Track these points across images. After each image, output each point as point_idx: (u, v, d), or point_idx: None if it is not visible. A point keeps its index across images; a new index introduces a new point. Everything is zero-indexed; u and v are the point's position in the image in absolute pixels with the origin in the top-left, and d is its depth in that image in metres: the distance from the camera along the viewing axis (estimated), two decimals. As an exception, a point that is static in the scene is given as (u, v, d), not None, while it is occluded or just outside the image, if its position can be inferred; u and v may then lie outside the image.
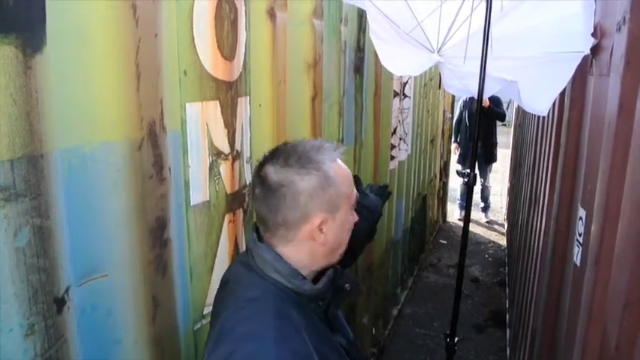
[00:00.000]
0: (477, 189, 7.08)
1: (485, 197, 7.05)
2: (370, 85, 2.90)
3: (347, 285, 1.07)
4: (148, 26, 1.11)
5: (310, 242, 1.02)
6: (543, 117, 2.68)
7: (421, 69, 1.80)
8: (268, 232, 1.03)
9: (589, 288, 1.23)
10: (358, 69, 2.64)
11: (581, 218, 1.51)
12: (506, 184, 7.47)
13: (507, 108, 7.57)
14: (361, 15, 2.59)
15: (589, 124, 1.50)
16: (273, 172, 0.98)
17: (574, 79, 1.66)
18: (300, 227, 1.00)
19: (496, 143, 6.56)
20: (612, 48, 1.30)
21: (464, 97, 6.59)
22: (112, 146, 1.07)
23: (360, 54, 2.65)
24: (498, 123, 6.38)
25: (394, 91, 3.49)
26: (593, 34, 1.48)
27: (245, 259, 1.07)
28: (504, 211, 7.27)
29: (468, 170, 1.72)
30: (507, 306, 4.37)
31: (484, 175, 6.79)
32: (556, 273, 1.82)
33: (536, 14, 1.73)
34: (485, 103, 6.16)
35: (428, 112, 5.05)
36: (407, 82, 3.83)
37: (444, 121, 6.36)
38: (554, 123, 2.11)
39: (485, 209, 7.11)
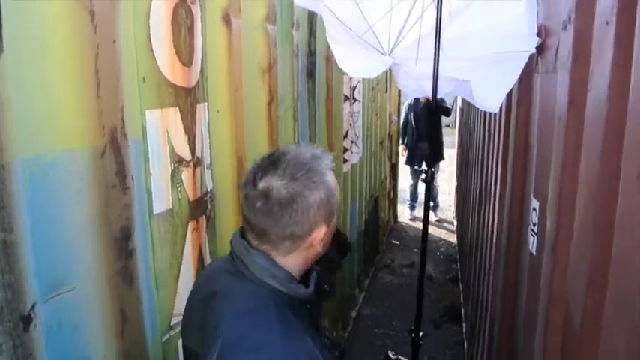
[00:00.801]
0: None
1: (434, 197, 7.21)
2: (322, 89, 2.93)
3: (326, 286, 1.09)
4: (106, 32, 1.08)
5: (307, 251, 1.03)
6: (490, 115, 2.79)
7: (377, 71, 1.84)
8: (268, 244, 1.00)
9: (547, 273, 1.29)
10: (310, 73, 2.66)
11: (534, 209, 1.58)
12: (454, 183, 7.69)
13: (452, 108, 7.80)
14: (311, 19, 2.61)
15: (538, 119, 1.58)
16: (281, 187, 0.95)
17: (521, 77, 1.74)
18: (304, 239, 1.00)
19: (443, 142, 6.77)
20: (557, 46, 1.38)
21: (409, 100, 6.77)
22: (73, 155, 1.04)
23: (312, 58, 2.68)
24: (443, 124, 6.59)
25: (344, 95, 3.53)
26: (538, 34, 1.56)
27: (231, 268, 1.04)
28: (453, 209, 7.48)
29: (425, 168, 1.76)
30: (462, 301, 4.50)
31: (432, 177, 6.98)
32: (512, 262, 1.89)
33: (483, 17, 1.80)
34: (425, 99, 6.37)
35: (376, 115, 5.14)
36: (356, 85, 3.89)
37: (391, 124, 6.49)
38: (502, 120, 2.20)
39: (435, 208, 7.28)
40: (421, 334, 1.95)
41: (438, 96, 1.67)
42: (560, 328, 1.15)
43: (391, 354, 1.47)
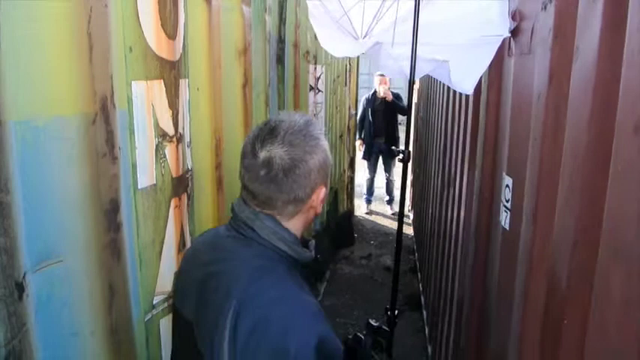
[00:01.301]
0: (382, 183, 7.37)
1: (389, 190, 7.35)
2: (290, 76, 2.94)
3: (319, 255, 1.12)
4: (98, -5, 1.05)
5: (308, 212, 1.06)
6: (454, 103, 2.87)
7: (357, 52, 1.87)
8: (274, 210, 1.02)
9: (526, 242, 1.34)
10: (280, 59, 2.66)
11: (507, 185, 1.65)
12: (409, 177, 7.83)
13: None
14: (282, 5, 2.61)
15: (511, 100, 1.64)
16: (283, 154, 0.98)
17: (491, 62, 1.80)
18: (306, 201, 1.03)
19: (399, 138, 6.88)
20: (533, 29, 1.44)
21: (367, 95, 6.85)
22: (65, 121, 1.00)
23: (282, 45, 2.68)
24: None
25: (310, 84, 3.55)
26: (513, 18, 1.62)
27: (235, 234, 1.05)
28: (408, 202, 7.63)
29: (402, 148, 1.80)
30: (421, 289, 4.60)
31: (389, 169, 7.09)
32: (483, 240, 1.96)
33: (456, 4, 1.86)
34: (389, 96, 6.42)
35: (337, 108, 5.18)
36: (319, 77, 3.91)
37: (349, 118, 6.55)
38: (469, 105, 2.27)
39: (390, 202, 7.41)
40: (396, 312, 1.98)
41: (417, 77, 1.71)
42: (543, 294, 1.21)
43: (372, 321, 1.50)
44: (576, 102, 1.06)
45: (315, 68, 3.68)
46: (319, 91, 3.92)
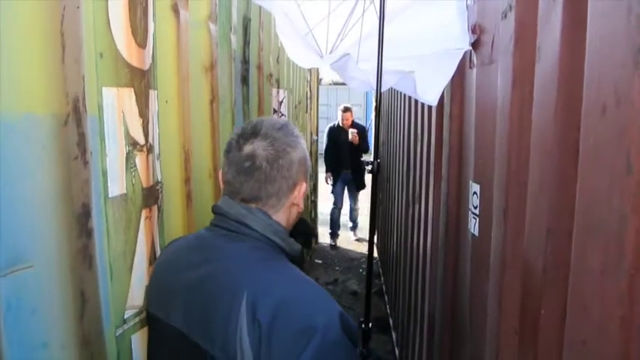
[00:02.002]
0: (346, 211, 7.39)
1: (354, 218, 7.40)
2: (254, 97, 2.95)
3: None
4: (71, -4, 1.05)
5: (290, 208, 1.09)
6: (416, 119, 2.95)
7: (326, 64, 1.90)
8: (259, 203, 1.05)
9: (498, 244, 1.38)
10: (245, 80, 2.68)
11: (475, 193, 1.69)
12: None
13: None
14: (246, 27, 2.64)
15: (475, 109, 1.70)
16: (267, 146, 1.02)
17: (453, 75, 1.87)
18: (288, 195, 1.06)
19: (364, 169, 6.86)
20: (493, 40, 1.51)
21: (330, 125, 6.87)
22: (36, 119, 0.98)
23: (246, 65, 2.70)
24: None
25: (273, 108, 3.57)
26: (473, 32, 1.70)
27: (222, 232, 1.05)
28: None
29: (371, 159, 1.83)
30: (389, 311, 4.60)
31: (354, 199, 7.19)
32: (451, 251, 1.99)
33: (417, 20, 1.94)
34: (355, 139, 6.48)
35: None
36: (282, 100, 3.95)
37: (311, 143, 6.60)
38: (432, 118, 2.34)
39: (354, 228, 7.45)
40: (370, 324, 1.98)
41: (383, 89, 1.75)
42: (518, 293, 1.23)
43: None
44: (541, 98, 1.11)
45: (278, 92, 3.72)
46: (282, 114, 3.95)
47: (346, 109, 6.69)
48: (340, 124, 6.68)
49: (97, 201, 1.22)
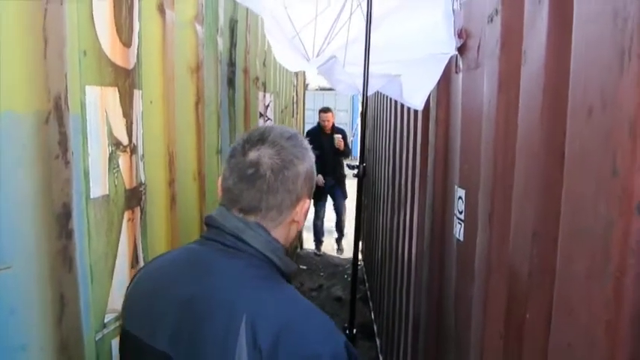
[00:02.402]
0: (331, 216, 7.22)
1: (340, 228, 7.13)
2: (240, 100, 2.93)
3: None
4: (54, -9, 1.03)
5: (290, 226, 1.03)
6: (402, 123, 2.96)
7: (312, 67, 1.90)
8: (257, 216, 0.98)
9: (483, 248, 1.38)
10: (231, 82, 2.67)
11: (460, 197, 1.69)
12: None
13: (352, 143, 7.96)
14: (233, 29, 2.63)
15: (461, 113, 1.71)
16: (273, 154, 0.96)
17: (439, 80, 1.88)
18: (290, 210, 1.00)
19: (345, 175, 6.62)
20: (479, 44, 1.52)
21: (310, 129, 6.62)
22: (17, 117, 0.95)
23: (232, 68, 2.69)
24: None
25: (259, 111, 3.56)
26: (459, 36, 1.71)
27: (216, 247, 0.98)
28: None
29: (357, 164, 1.83)
30: (373, 318, 4.59)
31: (340, 210, 6.89)
32: (436, 257, 1.99)
33: (404, 25, 1.95)
34: (341, 145, 6.23)
35: (285, 138, 5.21)
36: (268, 105, 3.94)
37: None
38: (418, 124, 2.34)
39: (340, 239, 7.20)
40: (354, 330, 1.97)
41: (370, 92, 1.75)
42: (503, 297, 1.23)
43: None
44: (527, 102, 1.12)
45: (265, 96, 3.71)
46: (268, 119, 3.94)
47: (326, 110, 6.39)
48: (321, 127, 6.38)
49: (78, 201, 1.19)
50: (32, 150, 0.99)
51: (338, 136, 6.22)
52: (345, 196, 6.75)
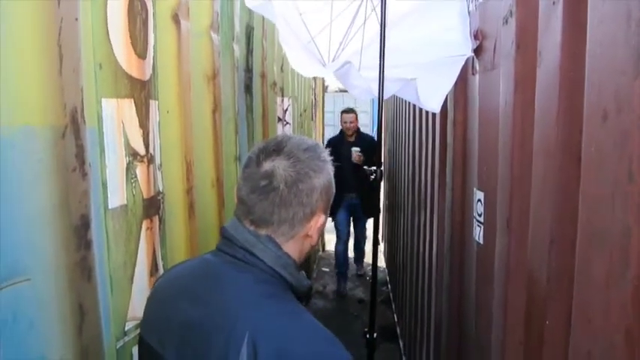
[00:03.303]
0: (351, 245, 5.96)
1: (360, 247, 6.04)
2: (258, 106, 2.95)
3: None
4: (69, 8, 1.04)
5: (303, 240, 1.00)
6: (421, 127, 2.93)
7: (328, 73, 1.90)
8: (269, 228, 0.97)
9: (502, 252, 1.36)
10: (248, 89, 2.68)
11: (479, 200, 1.67)
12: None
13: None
14: (249, 35, 2.65)
15: (477, 116, 1.69)
16: (288, 166, 0.93)
17: (456, 81, 1.86)
18: (304, 224, 0.97)
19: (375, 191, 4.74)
20: (495, 45, 1.50)
21: (330, 137, 5.77)
22: (34, 131, 0.97)
23: (249, 74, 2.70)
24: None
25: (277, 116, 3.57)
26: (475, 37, 1.69)
27: (228, 259, 0.98)
28: (380, 234, 7.63)
29: (374, 167, 1.82)
30: (396, 320, 4.57)
31: (361, 230, 5.77)
32: (456, 259, 1.97)
33: (419, 27, 1.93)
34: (359, 160, 4.99)
35: (304, 141, 5.20)
36: (287, 109, 3.95)
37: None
38: (437, 126, 2.32)
39: (359, 259, 6.21)
40: (375, 335, 1.96)
41: (385, 96, 1.75)
42: (522, 302, 1.21)
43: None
44: (543, 103, 1.10)
45: (283, 100, 3.72)
46: (287, 123, 3.95)
47: (348, 110, 5.34)
48: (343, 134, 5.32)
49: (96, 212, 1.21)
50: (49, 163, 1.01)
51: (356, 150, 5.06)
52: (371, 214, 4.97)
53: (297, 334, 0.87)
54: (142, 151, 1.40)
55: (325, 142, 5.81)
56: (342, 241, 5.58)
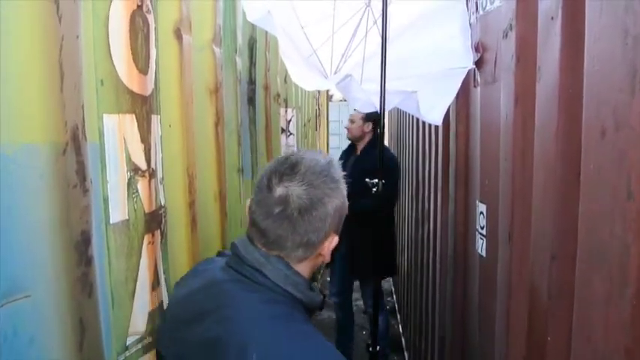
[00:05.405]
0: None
1: (382, 335, 3.43)
2: (262, 118, 2.96)
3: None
4: (70, 26, 1.05)
5: (315, 259, 1.01)
6: (423, 140, 2.93)
7: (330, 85, 1.91)
8: (282, 252, 0.97)
9: (504, 265, 1.35)
10: (251, 100, 2.69)
11: (482, 213, 1.67)
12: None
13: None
14: (252, 47, 2.66)
15: (479, 129, 1.69)
16: (302, 193, 0.93)
17: (458, 93, 1.86)
18: (317, 247, 0.98)
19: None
20: (496, 58, 1.50)
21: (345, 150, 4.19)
22: (35, 149, 0.98)
23: (252, 86, 2.71)
24: None
25: (281, 127, 3.58)
26: (476, 50, 1.69)
27: (237, 277, 0.98)
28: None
29: (376, 180, 1.81)
30: (401, 331, 4.54)
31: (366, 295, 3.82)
32: (459, 271, 1.96)
33: (421, 39, 1.94)
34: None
35: (308, 151, 5.22)
36: (290, 119, 3.96)
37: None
38: (439, 138, 2.32)
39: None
40: (378, 347, 1.95)
41: (387, 108, 1.75)
42: (524, 315, 1.21)
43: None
44: (543, 118, 1.10)
45: (286, 111, 3.73)
46: (290, 133, 3.96)
47: (350, 116, 3.64)
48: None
49: (97, 228, 1.21)
50: (50, 180, 1.02)
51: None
52: (386, 273, 3.80)
53: (305, 353, 0.88)
54: (143, 165, 1.40)
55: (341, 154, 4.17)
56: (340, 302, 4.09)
